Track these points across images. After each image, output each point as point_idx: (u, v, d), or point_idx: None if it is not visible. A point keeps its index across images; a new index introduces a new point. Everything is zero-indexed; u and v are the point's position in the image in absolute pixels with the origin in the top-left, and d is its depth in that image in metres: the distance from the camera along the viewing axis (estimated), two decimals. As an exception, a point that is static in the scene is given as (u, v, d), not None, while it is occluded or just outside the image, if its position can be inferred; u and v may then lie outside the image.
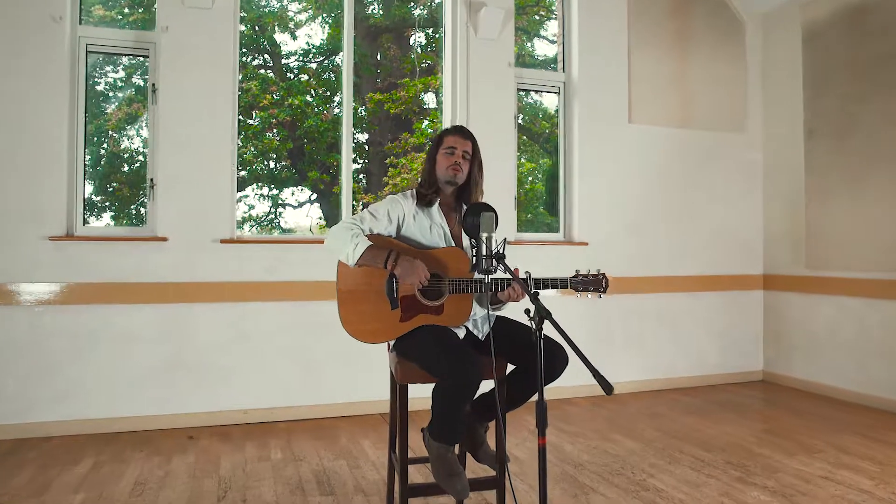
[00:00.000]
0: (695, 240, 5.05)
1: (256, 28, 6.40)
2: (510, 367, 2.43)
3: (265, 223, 6.44)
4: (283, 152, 6.27)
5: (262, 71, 6.52)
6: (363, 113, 6.71)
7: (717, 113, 5.16)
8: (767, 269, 5.24)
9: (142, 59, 4.00)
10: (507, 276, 2.26)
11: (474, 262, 2.05)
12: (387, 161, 6.56)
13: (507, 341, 2.39)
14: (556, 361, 2.32)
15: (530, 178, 6.09)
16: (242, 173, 6.15)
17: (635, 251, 4.85)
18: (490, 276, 2.10)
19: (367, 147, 6.94)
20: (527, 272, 2.34)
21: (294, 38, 6.67)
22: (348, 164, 4.41)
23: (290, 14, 6.60)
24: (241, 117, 6.09)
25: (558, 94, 4.86)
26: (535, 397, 1.81)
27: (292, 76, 6.72)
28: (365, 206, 4.06)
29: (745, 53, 5.27)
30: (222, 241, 3.90)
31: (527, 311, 1.74)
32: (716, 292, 5.10)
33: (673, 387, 4.91)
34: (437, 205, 2.50)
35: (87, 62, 3.85)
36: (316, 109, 6.40)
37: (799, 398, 4.62)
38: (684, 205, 5.02)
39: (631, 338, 4.84)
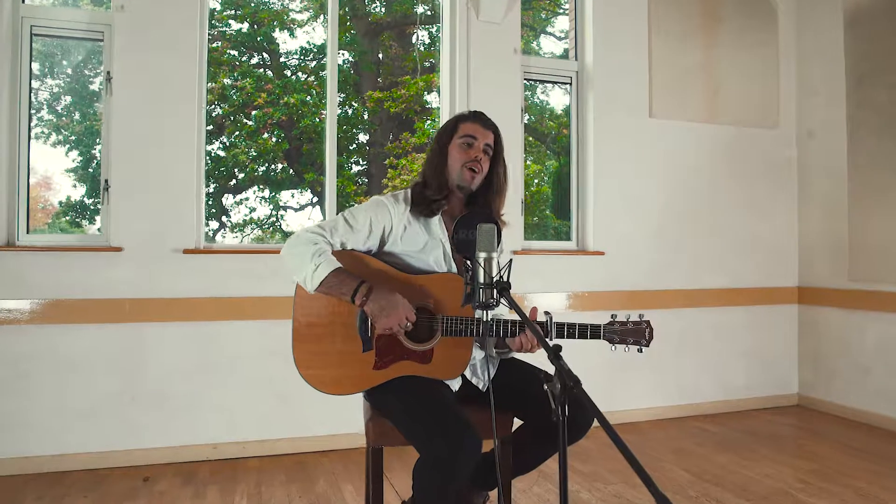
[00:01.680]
0: (722, 248, 4.52)
1: (255, 26, 6.02)
2: (518, 422, 1.93)
3: (266, 226, 6.05)
4: (279, 153, 5.88)
5: (259, 70, 6.12)
6: (364, 113, 6.33)
7: (747, 106, 4.62)
8: (803, 282, 4.70)
9: (98, 43, 3.50)
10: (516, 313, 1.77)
11: (467, 291, 1.53)
12: (385, 162, 6.14)
13: (514, 390, 1.88)
14: (577, 420, 1.81)
15: (536, 181, 5.69)
16: (241, 175, 5.75)
17: (656, 262, 4.33)
18: (492, 314, 1.60)
19: (367, 148, 6.54)
20: (547, 314, 1.81)
21: (293, 36, 6.28)
22: (332, 166, 3.91)
23: (292, 14, 6.23)
24: (236, 117, 5.64)
25: (570, 85, 4.34)
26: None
27: (290, 74, 6.33)
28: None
29: (779, 40, 4.73)
30: (185, 252, 3.40)
31: (546, 380, 1.20)
32: (745, 307, 4.57)
33: (698, 413, 4.38)
34: (439, 216, 1.99)
35: (31, 47, 3.36)
36: (313, 109, 6.00)
37: (842, 428, 4.09)
38: (710, 209, 4.50)
39: (651, 359, 4.31)
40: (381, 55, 6.89)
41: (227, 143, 5.68)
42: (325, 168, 3.90)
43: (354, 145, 6.39)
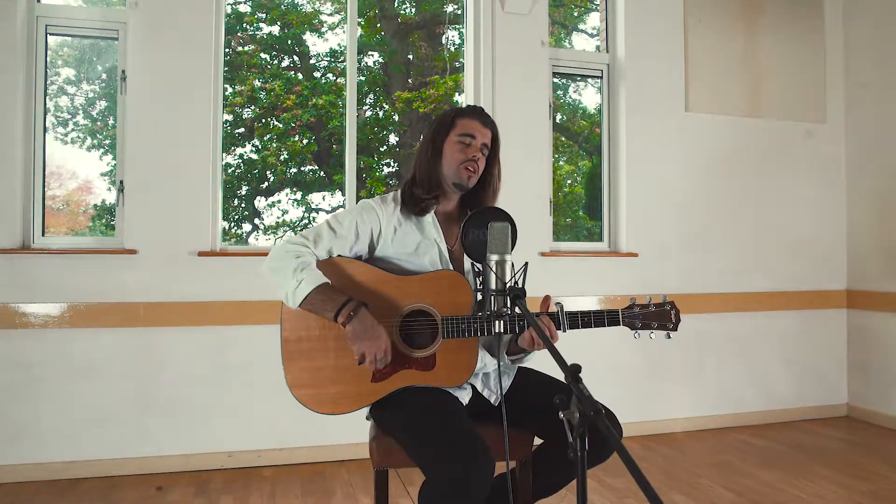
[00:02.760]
0: (765, 250, 4.25)
1: (285, 29, 5.98)
2: (537, 441, 1.75)
3: (299, 229, 6.01)
4: (307, 155, 5.82)
5: (289, 72, 6.08)
6: (394, 115, 6.24)
7: (791, 99, 4.35)
8: (852, 285, 4.41)
9: (113, 41, 3.43)
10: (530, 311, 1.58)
11: (479, 298, 1.35)
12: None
13: (533, 404, 1.70)
14: (604, 437, 1.62)
15: (569, 181, 5.51)
16: (272, 178, 5.71)
17: (694, 264, 4.09)
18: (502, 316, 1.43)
19: (397, 149, 6.45)
20: (558, 304, 1.64)
21: (321, 37, 6.23)
22: (352, 169, 3.79)
23: (322, 16, 6.17)
24: (266, 119, 5.59)
25: (600, 78, 4.14)
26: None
27: (319, 76, 6.28)
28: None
29: (825, 28, 4.45)
30: (200, 254, 3.31)
31: (561, 406, 1.03)
32: (790, 311, 4.30)
33: (740, 424, 4.12)
34: (432, 215, 1.84)
35: (46, 45, 3.30)
36: (341, 110, 5.93)
37: (898, 443, 3.80)
38: (753, 208, 4.23)
39: (689, 366, 4.07)
40: (410, 56, 6.80)
41: (259, 146, 5.65)
42: (356, 170, 3.79)
43: (385, 147, 6.31)
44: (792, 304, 4.29)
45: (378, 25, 6.36)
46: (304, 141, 5.72)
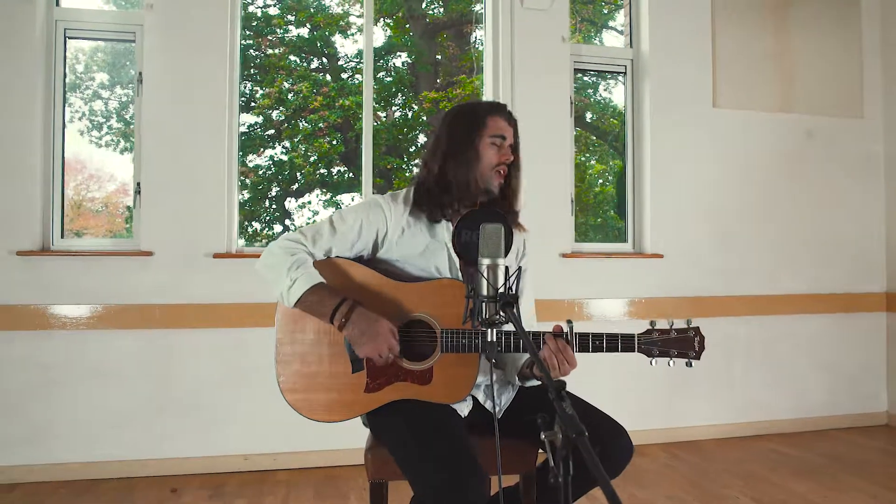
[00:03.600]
0: (799, 250, 4.08)
1: (314, 30, 6.00)
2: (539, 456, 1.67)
3: None
4: (334, 156, 5.82)
5: (316, 73, 6.10)
6: (422, 115, 6.20)
7: (826, 94, 4.16)
8: (892, 287, 4.20)
9: (131, 44, 3.45)
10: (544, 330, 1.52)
11: (469, 306, 1.28)
12: None
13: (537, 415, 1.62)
14: (614, 453, 1.53)
15: (600, 181, 5.40)
16: (302, 179, 5.73)
17: (722, 265, 3.94)
18: (498, 329, 1.35)
19: (424, 150, 6.40)
20: (569, 322, 1.54)
21: (347, 38, 6.23)
22: (368, 167, 3.74)
23: (351, 18, 6.18)
24: (294, 120, 5.60)
25: (624, 74, 4.02)
26: None
27: (347, 77, 6.28)
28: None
29: (861, 19, 4.25)
30: (216, 256, 3.30)
31: (539, 421, 0.95)
32: (825, 315, 4.11)
33: (770, 432, 3.96)
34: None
35: (65, 48, 3.33)
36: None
37: (941, 454, 3.60)
38: (785, 207, 4.06)
39: (716, 371, 3.93)
40: (439, 56, 6.76)
41: (289, 147, 5.67)
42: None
43: (414, 148, 6.28)
44: (827, 308, 4.10)
45: (407, 26, 6.34)
46: (333, 142, 5.72)
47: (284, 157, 5.73)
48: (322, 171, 5.89)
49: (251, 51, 5.41)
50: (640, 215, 3.96)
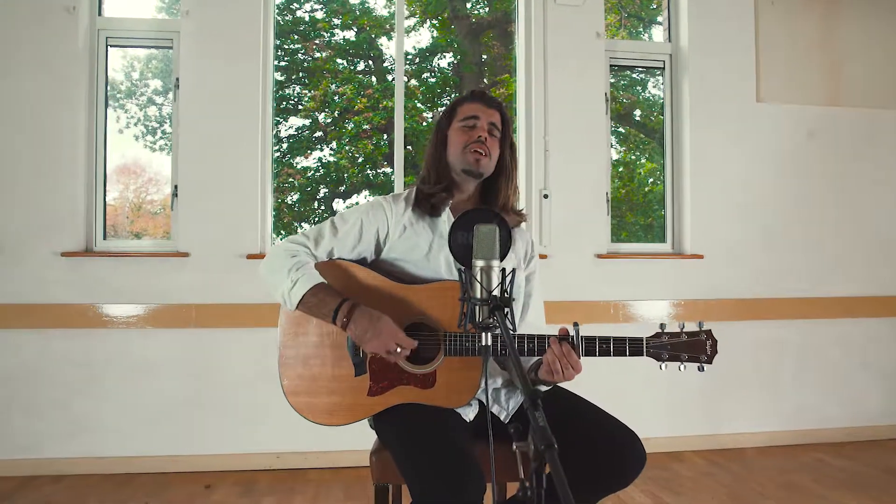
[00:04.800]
0: (850, 250, 3.88)
1: (360, 34, 6.06)
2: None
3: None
4: (378, 157, 5.86)
5: (360, 76, 6.16)
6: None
7: (876, 86, 3.93)
8: (954, 289, 3.95)
9: (169, 50, 3.55)
10: (550, 333, 1.48)
11: (463, 310, 1.25)
12: None
13: (547, 420, 1.58)
14: (626, 460, 1.48)
15: (651, 180, 5.28)
16: (348, 180, 5.82)
17: (767, 266, 3.78)
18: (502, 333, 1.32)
19: None
20: (575, 325, 1.50)
21: (392, 39, 6.26)
22: (399, 167, 3.74)
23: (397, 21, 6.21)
24: (339, 123, 5.68)
25: (662, 69, 3.91)
26: None
27: (391, 79, 6.32)
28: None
29: (920, 6, 4.01)
30: (249, 257, 3.35)
31: (512, 431, 0.92)
32: (879, 319, 3.89)
33: (819, 441, 3.77)
34: (447, 211, 1.74)
35: (107, 57, 3.44)
36: (412, 112, 5.93)
37: None
38: (835, 205, 3.87)
39: (761, 376, 3.77)
40: (484, 56, 6.72)
41: (336, 149, 5.74)
42: (396, 171, 3.76)
43: None
44: (881, 311, 3.89)
45: (452, 27, 6.32)
46: (378, 143, 5.76)
47: (332, 159, 5.80)
48: (369, 172, 5.94)
49: (299, 55, 5.50)
50: (679, 215, 3.84)
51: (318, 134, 5.79)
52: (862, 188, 3.90)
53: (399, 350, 1.51)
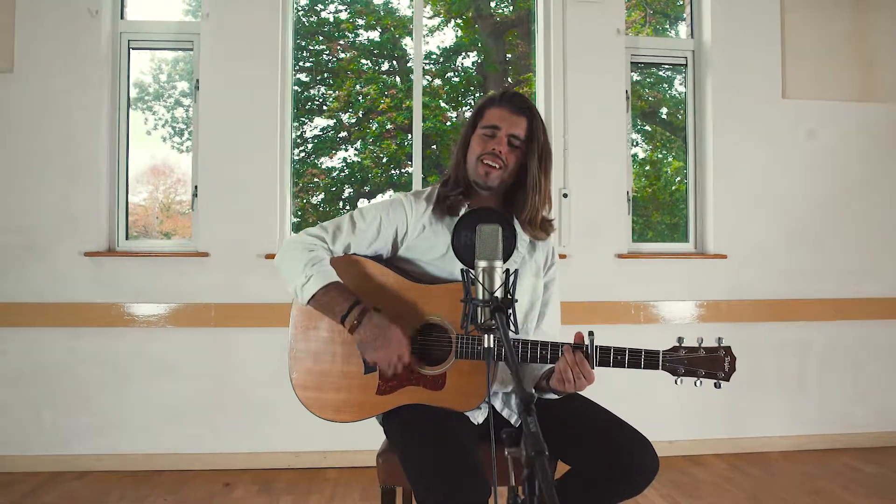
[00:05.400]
0: (880, 250, 3.76)
1: (384, 34, 6.08)
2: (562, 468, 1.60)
3: None
4: (402, 157, 5.88)
5: (385, 76, 6.18)
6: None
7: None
8: None
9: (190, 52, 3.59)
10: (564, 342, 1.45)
11: (466, 311, 1.23)
12: None
13: (556, 425, 1.56)
14: (637, 467, 1.45)
15: (678, 178, 5.21)
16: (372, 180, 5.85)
17: (795, 266, 3.69)
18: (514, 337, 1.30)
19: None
20: (591, 334, 1.47)
21: (413, 39, 6.27)
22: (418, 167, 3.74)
23: (423, 21, 6.22)
24: (363, 123, 5.70)
25: (685, 66, 3.84)
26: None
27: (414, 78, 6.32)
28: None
29: (955, -3, 3.88)
30: (267, 257, 3.37)
31: (504, 437, 0.91)
32: (911, 321, 3.78)
33: (848, 446, 3.67)
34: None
35: (129, 59, 3.49)
36: (435, 112, 5.93)
37: None
38: (863, 204, 3.76)
39: (788, 379, 3.69)
40: (509, 55, 6.70)
41: (360, 149, 5.77)
42: (415, 172, 3.76)
43: None
44: (912, 313, 3.77)
45: (476, 26, 6.30)
46: (401, 143, 5.77)
47: (357, 159, 5.83)
48: (393, 171, 5.95)
49: (324, 55, 5.53)
50: (702, 214, 3.77)
51: (343, 134, 5.82)
52: (893, 186, 3.79)
53: (399, 366, 1.51)
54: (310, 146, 5.00)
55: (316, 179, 5.16)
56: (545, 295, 1.75)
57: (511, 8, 6.69)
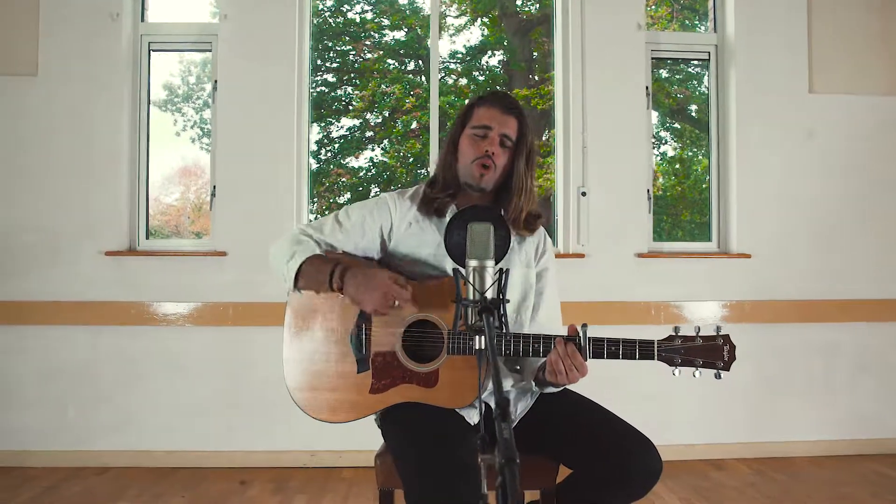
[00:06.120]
0: (914, 249, 3.64)
1: (409, 33, 6.09)
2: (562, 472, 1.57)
3: None
4: (426, 157, 5.88)
5: (410, 75, 6.19)
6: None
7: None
8: None
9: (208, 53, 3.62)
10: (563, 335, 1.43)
11: (458, 311, 1.21)
12: None
13: (558, 426, 1.53)
14: (636, 470, 1.41)
15: (708, 177, 5.11)
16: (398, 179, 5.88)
17: (821, 265, 3.58)
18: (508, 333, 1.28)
19: None
20: (583, 326, 1.44)
21: (440, 37, 6.27)
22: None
23: (448, 20, 6.22)
24: (388, 123, 5.72)
25: (707, 61, 3.75)
26: None
27: (440, 77, 6.31)
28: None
29: None
30: (284, 256, 3.39)
31: (482, 449, 0.89)
32: (946, 322, 3.64)
33: (878, 451, 3.54)
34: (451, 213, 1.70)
35: (149, 61, 3.54)
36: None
37: None
38: (894, 201, 3.63)
39: (814, 382, 3.58)
40: (535, 53, 6.65)
41: (386, 148, 5.79)
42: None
43: None
44: (947, 314, 3.63)
45: (502, 25, 6.27)
46: (426, 142, 5.76)
47: (384, 159, 5.84)
48: (419, 171, 5.95)
49: (350, 56, 5.55)
50: (725, 211, 3.69)
51: (369, 134, 5.83)
52: (926, 183, 3.65)
53: (396, 303, 1.48)
54: (336, 146, 5.03)
55: (343, 179, 5.19)
56: (539, 284, 1.71)
57: (536, 6, 6.64)
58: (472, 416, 1.57)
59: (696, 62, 4.01)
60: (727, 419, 3.50)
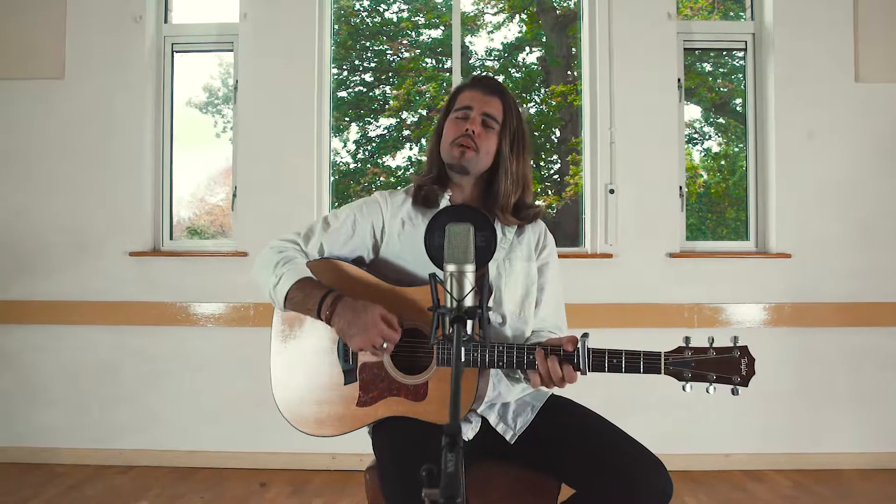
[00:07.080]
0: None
1: (446, 32, 6.05)
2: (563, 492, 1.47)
3: None
4: (462, 154, 5.83)
5: (445, 73, 6.14)
6: (551, 111, 6.02)
7: None
8: None
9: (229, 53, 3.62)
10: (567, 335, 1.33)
11: (436, 320, 1.12)
12: (568, 158, 5.77)
13: (559, 444, 1.43)
14: (646, 494, 1.30)
15: (746, 173, 4.92)
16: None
17: (866, 265, 3.35)
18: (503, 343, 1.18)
19: (560, 145, 6.22)
20: (584, 335, 1.33)
21: (477, 35, 6.20)
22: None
23: (486, 17, 6.16)
24: (423, 122, 5.68)
25: (744, 51, 3.57)
26: None
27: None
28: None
29: None
30: (303, 257, 3.35)
31: (424, 474, 0.80)
32: None
33: (934, 465, 3.31)
34: (446, 204, 1.61)
35: (172, 63, 3.55)
36: None
37: None
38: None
39: (861, 389, 3.36)
40: (573, 49, 6.52)
41: (423, 146, 5.76)
42: None
43: (548, 144, 6.10)
44: None
45: (539, 21, 6.16)
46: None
47: (421, 157, 5.80)
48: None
49: (387, 55, 5.53)
50: (763, 209, 3.49)
51: (406, 133, 5.79)
52: None
53: (385, 346, 1.40)
54: (373, 145, 5.02)
55: (381, 179, 5.17)
56: (540, 280, 1.62)
57: (574, 1, 6.50)
58: (467, 432, 1.48)
59: (738, 53, 3.81)
60: (766, 428, 3.32)
